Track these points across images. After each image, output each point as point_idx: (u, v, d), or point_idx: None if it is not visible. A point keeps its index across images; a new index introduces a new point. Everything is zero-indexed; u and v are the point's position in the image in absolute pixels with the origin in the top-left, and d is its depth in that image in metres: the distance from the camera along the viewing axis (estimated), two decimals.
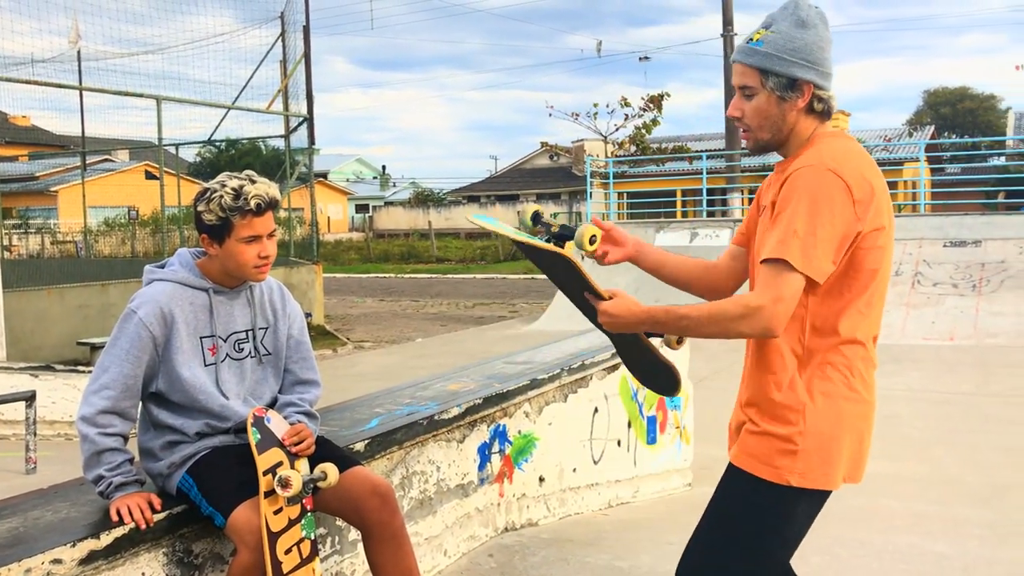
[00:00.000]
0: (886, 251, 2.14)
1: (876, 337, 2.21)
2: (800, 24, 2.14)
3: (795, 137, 2.19)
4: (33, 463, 6.67)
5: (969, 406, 7.98)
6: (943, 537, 4.49)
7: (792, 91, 2.14)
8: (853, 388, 2.13)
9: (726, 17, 21.98)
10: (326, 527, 3.05)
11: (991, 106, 59.14)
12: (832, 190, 2.02)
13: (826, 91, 2.16)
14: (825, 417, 2.10)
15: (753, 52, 2.15)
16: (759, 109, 2.17)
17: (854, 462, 2.17)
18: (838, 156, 2.08)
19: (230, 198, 2.60)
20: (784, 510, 2.14)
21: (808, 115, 2.17)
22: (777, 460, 2.11)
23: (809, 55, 2.12)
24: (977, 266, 13.05)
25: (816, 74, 2.13)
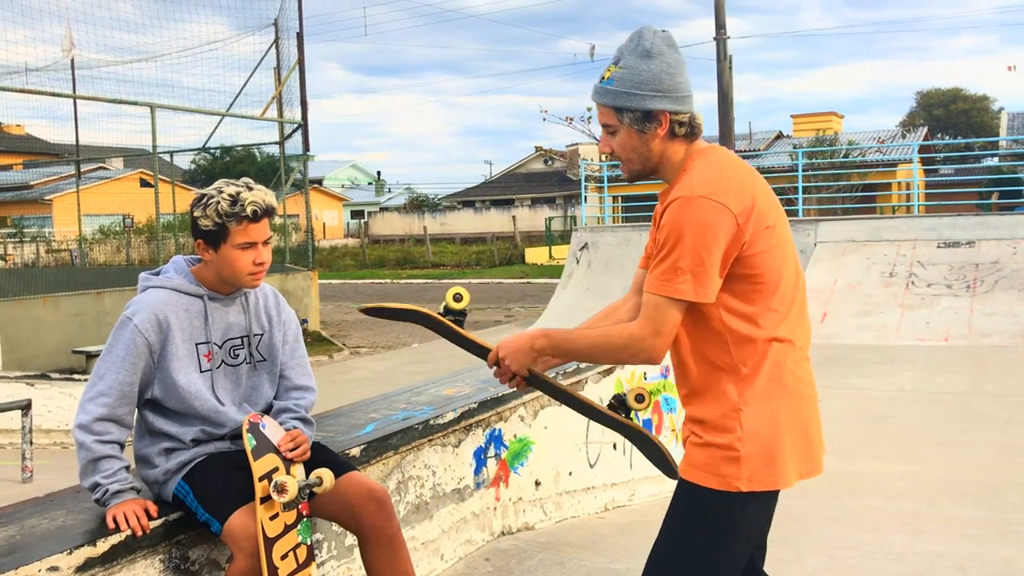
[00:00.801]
0: (783, 247, 2.20)
1: (806, 331, 2.25)
2: (645, 55, 2.17)
3: (668, 162, 2.23)
4: (29, 471, 6.66)
5: (963, 406, 8.01)
6: (937, 536, 4.51)
7: (649, 122, 2.18)
8: (784, 385, 2.17)
9: (718, 20, 22.02)
10: (322, 532, 3.06)
11: (984, 107, 59.33)
12: (706, 215, 2.07)
13: (684, 114, 2.19)
14: (761, 419, 2.14)
15: (605, 91, 2.21)
16: (623, 144, 2.23)
17: (805, 457, 2.20)
18: (709, 178, 2.13)
19: (227, 204, 2.61)
20: (736, 516, 2.17)
21: (673, 140, 2.21)
22: (722, 468, 2.14)
23: (658, 85, 2.16)
24: (971, 267, 13.09)
25: (669, 101, 2.17)
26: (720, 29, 21.88)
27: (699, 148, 2.24)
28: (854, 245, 14.18)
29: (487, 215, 50.95)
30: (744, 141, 37.07)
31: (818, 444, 2.24)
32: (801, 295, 2.25)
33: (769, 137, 39.55)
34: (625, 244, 16.51)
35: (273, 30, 17.85)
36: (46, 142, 38.89)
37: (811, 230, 14.69)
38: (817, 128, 35.33)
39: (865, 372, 9.88)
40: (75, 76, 18.80)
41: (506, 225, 45.44)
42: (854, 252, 14.04)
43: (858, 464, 6.10)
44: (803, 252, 14.37)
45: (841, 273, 13.74)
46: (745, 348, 2.16)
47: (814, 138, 32.72)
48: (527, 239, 41.54)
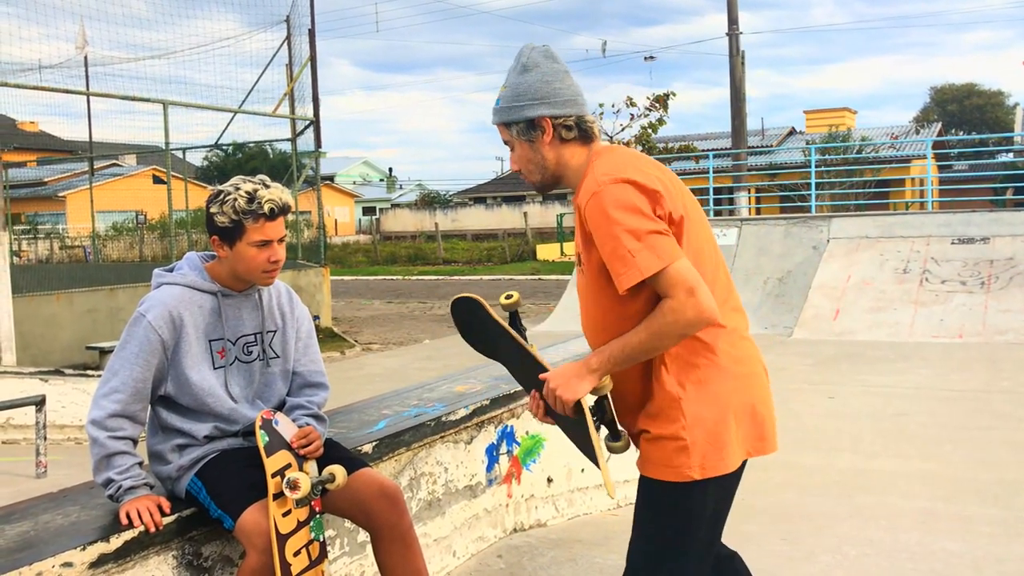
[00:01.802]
0: (697, 235, 2.21)
1: (737, 311, 2.28)
2: (523, 70, 2.28)
3: (567, 169, 2.29)
4: (43, 467, 6.69)
5: (978, 403, 7.95)
6: (952, 535, 4.48)
7: (534, 130, 2.26)
8: (721, 368, 2.20)
9: (731, 16, 21.94)
10: (335, 529, 3.06)
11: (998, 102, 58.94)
12: (620, 195, 2.10)
13: (567, 117, 2.25)
14: (703, 405, 2.17)
15: (495, 111, 2.32)
16: (520, 157, 2.31)
17: (755, 435, 2.24)
18: (611, 166, 2.17)
19: (244, 201, 2.61)
20: (695, 503, 2.22)
21: (565, 144, 2.27)
22: (674, 460, 2.18)
23: (536, 93, 2.25)
24: (985, 263, 13.00)
25: (547, 107, 2.24)
26: (732, 25, 21.81)
27: (598, 149, 2.29)
28: (867, 241, 14.10)
29: (498, 211, 50.95)
30: (757, 137, 36.95)
31: (767, 421, 2.27)
32: (724, 279, 2.28)
33: (782, 133, 39.40)
34: None
35: (285, 27, 17.87)
36: (60, 139, 39.12)
37: (824, 226, 14.62)
38: (830, 124, 35.18)
39: (879, 369, 9.83)
40: (88, 73, 18.91)
41: (517, 221, 45.44)
42: (867, 248, 13.97)
43: (872, 462, 6.07)
44: (816, 248, 14.31)
45: (854, 269, 13.68)
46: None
47: (827, 134, 32.57)
48: (539, 235, 41.52)
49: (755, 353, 2.30)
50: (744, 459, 2.24)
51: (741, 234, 15.07)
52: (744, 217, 18.18)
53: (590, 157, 2.27)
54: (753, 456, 2.25)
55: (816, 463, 6.04)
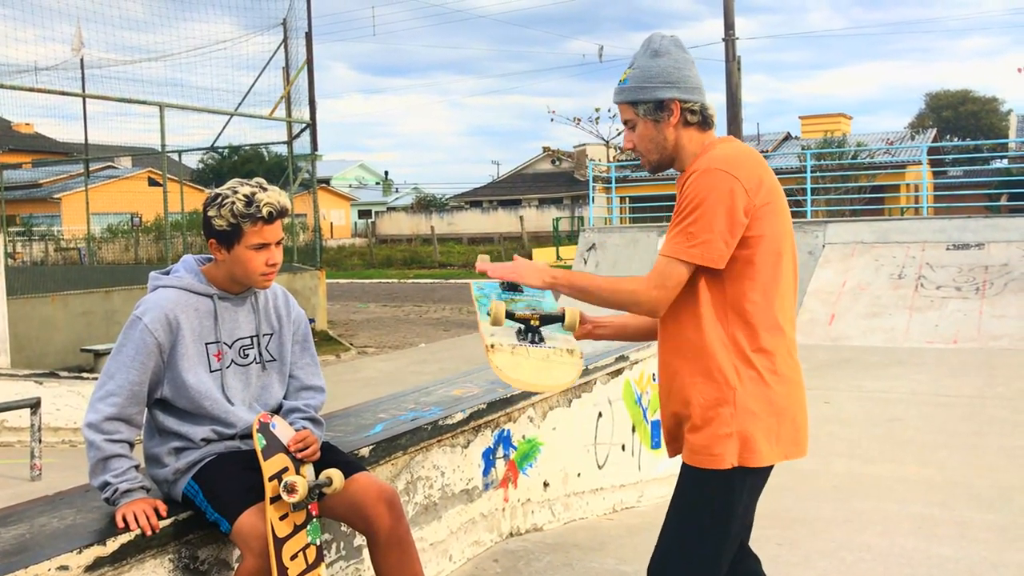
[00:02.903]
0: (785, 237, 2.35)
1: (794, 322, 2.40)
2: (655, 54, 2.38)
3: (684, 151, 2.40)
4: (38, 470, 6.68)
5: (973, 408, 7.97)
6: (948, 540, 4.49)
7: (662, 111, 2.37)
8: (777, 370, 2.30)
9: (727, 21, 21.99)
10: (331, 533, 3.05)
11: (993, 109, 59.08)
12: (722, 184, 2.22)
13: (695, 103, 2.37)
14: (755, 400, 2.26)
15: (622, 90, 2.41)
16: (642, 135, 2.41)
17: (791, 439, 2.32)
18: (726, 157, 2.29)
19: (242, 204, 2.60)
20: (735, 493, 2.28)
21: (687, 128, 2.39)
22: (716, 448, 2.26)
23: (668, 77, 2.36)
24: (980, 269, 13.03)
25: (678, 91, 2.36)
26: (729, 30, 21.85)
27: (716, 138, 2.41)
28: (863, 247, 14.14)
29: (494, 215, 50.96)
30: (752, 142, 37.01)
31: (803, 428, 2.37)
32: (796, 287, 2.42)
33: (777, 138, 39.48)
34: (633, 245, 16.50)
35: (282, 30, 17.87)
36: (55, 141, 39.04)
37: (819, 231, 14.65)
38: (825, 129, 35.25)
39: (875, 374, 9.84)
40: (84, 75, 18.85)
41: (513, 225, 45.45)
42: (863, 254, 14.00)
43: (868, 467, 6.08)
44: (811, 253, 14.34)
45: (849, 275, 13.71)
46: (743, 331, 2.28)
47: (822, 139, 32.63)
48: (534, 239, 41.52)
49: (800, 365, 2.41)
50: (780, 460, 2.31)
51: None
52: None
53: (707, 143, 2.39)
54: (789, 459, 2.33)
55: (812, 468, 6.04)
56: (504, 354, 2.38)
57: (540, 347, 2.43)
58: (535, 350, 2.42)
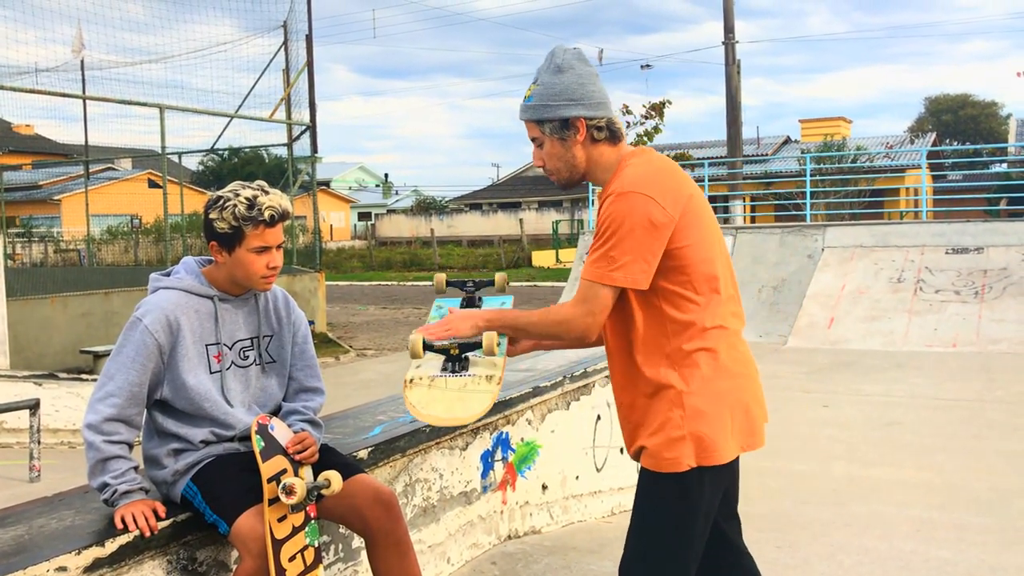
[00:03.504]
0: (711, 240, 2.35)
1: (738, 316, 2.42)
2: (557, 70, 2.37)
3: (595, 167, 2.41)
4: (37, 471, 6.67)
5: (972, 412, 7.97)
6: (946, 544, 4.49)
7: (567, 129, 2.36)
8: (722, 367, 2.32)
9: (727, 24, 22.02)
10: (330, 535, 3.05)
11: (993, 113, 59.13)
12: (638, 206, 2.24)
13: (600, 119, 2.37)
14: (703, 399, 2.29)
15: (527, 108, 2.41)
16: (550, 154, 2.41)
17: (746, 431, 2.36)
18: (642, 174, 2.30)
19: (244, 207, 2.61)
20: (693, 494, 2.32)
21: (595, 144, 2.39)
22: (672, 451, 2.28)
23: (572, 94, 2.35)
24: (979, 273, 13.04)
25: (583, 108, 2.35)
26: (729, 33, 21.88)
27: (631, 150, 2.42)
28: (862, 250, 14.15)
29: (494, 218, 50.97)
30: (752, 146, 37.03)
31: (759, 418, 2.40)
32: (732, 284, 2.42)
33: (777, 142, 39.49)
34: None
35: (282, 32, 17.88)
36: (55, 142, 39.05)
37: (819, 235, 14.66)
38: (825, 133, 35.27)
39: (874, 378, 9.85)
40: (85, 77, 18.86)
41: (513, 228, 45.45)
42: (862, 257, 14.01)
43: (867, 470, 6.08)
44: (810, 257, 14.35)
45: (849, 278, 13.72)
46: (683, 335, 2.30)
47: (822, 143, 32.65)
48: (534, 242, 41.54)
49: (750, 356, 2.44)
50: (737, 453, 2.35)
51: (736, 242, 15.11)
52: (739, 225, 18.22)
53: (622, 156, 2.40)
54: (745, 451, 2.37)
55: (810, 471, 6.05)
56: (420, 389, 2.45)
57: (460, 376, 2.47)
58: (453, 380, 2.47)
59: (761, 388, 2.45)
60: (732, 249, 14.92)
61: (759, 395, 2.42)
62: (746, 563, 2.60)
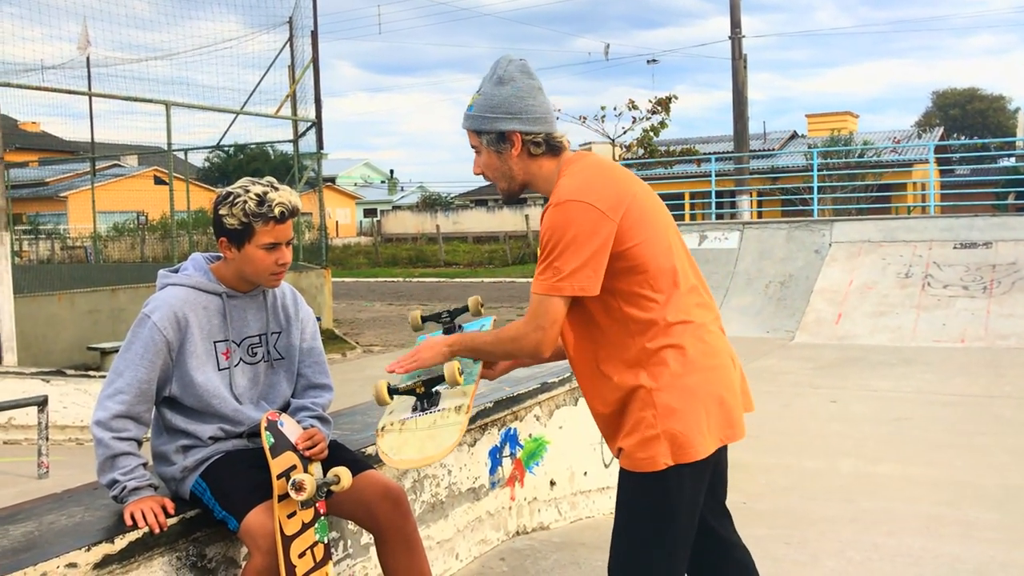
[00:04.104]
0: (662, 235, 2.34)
1: (704, 306, 2.38)
2: (499, 82, 2.37)
3: (535, 179, 2.40)
4: (45, 468, 6.69)
5: (981, 408, 7.94)
6: (956, 540, 4.47)
7: (503, 143, 2.37)
8: (690, 361, 2.29)
9: (734, 19, 21.95)
10: (338, 531, 3.05)
11: (1000, 107, 58.94)
12: (575, 215, 2.23)
13: (537, 134, 2.36)
14: (673, 395, 2.27)
15: (467, 117, 2.41)
16: (487, 165, 2.42)
17: (724, 423, 2.33)
18: (577, 183, 2.29)
19: (254, 204, 2.60)
20: (672, 492, 2.30)
21: (534, 158, 2.38)
22: (647, 450, 2.27)
23: (509, 108, 2.35)
24: (988, 268, 12.99)
25: (519, 122, 2.35)
26: (735, 28, 21.82)
27: (568, 158, 2.40)
28: (869, 245, 14.10)
29: (500, 214, 50.93)
30: (759, 141, 36.95)
31: (736, 409, 2.37)
32: (693, 275, 2.40)
33: (784, 137, 39.40)
34: None
35: (288, 28, 17.87)
36: (61, 139, 39.14)
37: (826, 230, 14.62)
38: (832, 128, 35.19)
39: (882, 374, 9.82)
40: (91, 73, 18.89)
41: (519, 224, 45.42)
42: (869, 253, 13.97)
43: (875, 466, 6.06)
44: (817, 252, 14.30)
45: (856, 274, 13.68)
46: (647, 334, 2.29)
47: (829, 138, 32.57)
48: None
49: (722, 346, 2.40)
50: (716, 447, 2.32)
51: (743, 237, 15.07)
52: (746, 221, 18.18)
53: (561, 166, 2.39)
54: (725, 443, 2.35)
55: (819, 467, 6.03)
56: (392, 435, 2.47)
57: (430, 413, 2.48)
58: (423, 419, 2.47)
59: (737, 377, 2.41)
60: (738, 244, 14.89)
61: (733, 385, 2.38)
62: (738, 555, 2.59)
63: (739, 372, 2.45)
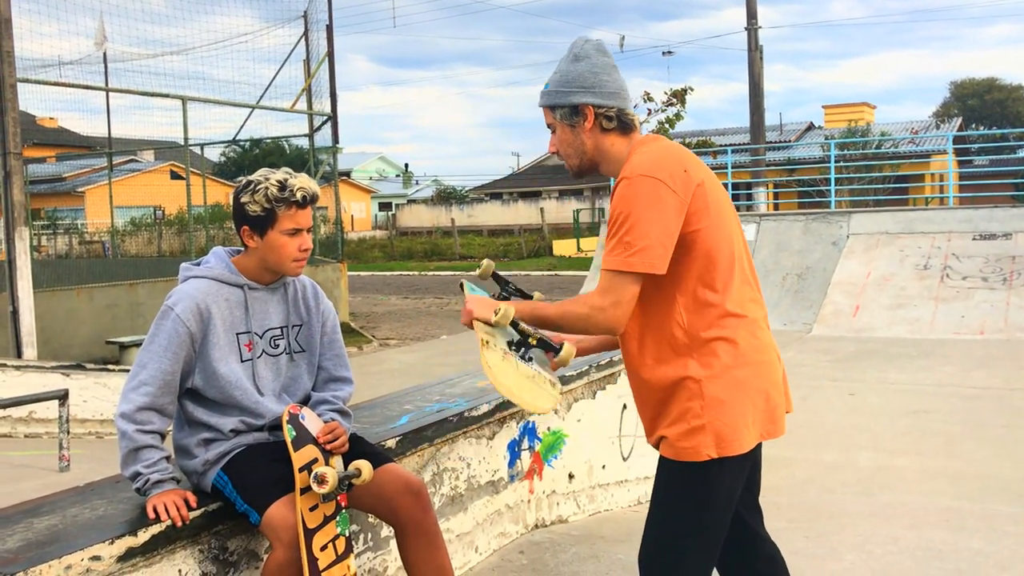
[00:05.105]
0: (726, 225, 2.33)
1: (757, 302, 2.39)
2: (574, 59, 2.41)
3: (606, 157, 2.41)
4: (66, 461, 6.74)
5: (1001, 400, 7.88)
6: (978, 533, 4.44)
7: (576, 116, 2.38)
8: (741, 354, 2.29)
9: (750, 10, 21.83)
10: (359, 524, 3.06)
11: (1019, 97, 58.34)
12: (648, 190, 2.22)
13: (610, 108, 2.37)
14: (722, 388, 2.26)
15: (543, 94, 2.44)
16: (562, 140, 2.43)
17: (767, 419, 2.33)
18: (649, 159, 2.28)
19: (276, 189, 2.63)
20: (712, 483, 2.29)
21: (605, 133, 2.39)
22: (691, 440, 2.26)
23: (583, 82, 2.37)
24: (1007, 259, 12.88)
25: (593, 96, 2.36)
26: (751, 19, 21.70)
27: (639, 139, 2.41)
28: (887, 237, 14.01)
29: (515, 207, 50.91)
30: (775, 132, 36.75)
31: (780, 407, 2.37)
32: (749, 270, 2.40)
33: (800, 128, 39.18)
34: None
35: (303, 22, 17.90)
36: (78, 135, 39.37)
37: (843, 222, 14.53)
38: (849, 119, 34.96)
39: (901, 366, 9.76)
40: (107, 69, 18.98)
41: (534, 217, 45.40)
42: (887, 244, 13.87)
43: (894, 459, 6.03)
44: (835, 244, 14.22)
45: (874, 265, 13.59)
46: (700, 323, 2.28)
47: (846, 129, 32.35)
48: (555, 231, 41.47)
49: (771, 342, 2.41)
50: (757, 441, 2.33)
51: (760, 229, 15.00)
52: (763, 212, 18.09)
53: (632, 146, 2.38)
54: (765, 439, 2.35)
55: (838, 461, 6.01)
56: (496, 354, 2.35)
57: (529, 365, 2.39)
58: (523, 366, 2.38)
59: (782, 375, 2.42)
60: (756, 236, 14.82)
61: (779, 382, 2.39)
62: (768, 549, 2.58)
63: (782, 371, 2.45)
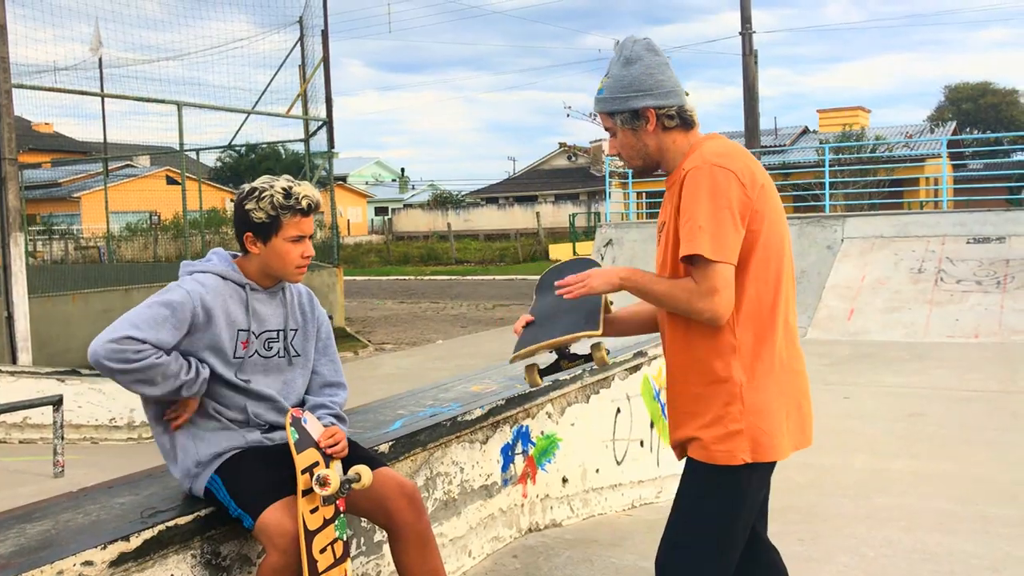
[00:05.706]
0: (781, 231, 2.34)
1: (795, 312, 2.40)
2: (627, 63, 2.40)
3: (668, 154, 2.41)
4: (61, 466, 6.73)
5: (995, 404, 7.90)
6: (971, 536, 4.45)
7: (638, 120, 2.39)
8: (781, 362, 2.31)
9: (744, 15, 21.89)
10: (352, 528, 3.06)
11: (1013, 100, 58.50)
12: (720, 180, 2.23)
13: (670, 107, 2.38)
14: (761, 394, 2.27)
15: (599, 101, 2.45)
16: (623, 144, 2.44)
17: (799, 429, 2.36)
18: (719, 152, 2.30)
19: (281, 196, 2.65)
20: (741, 488, 2.30)
21: (667, 132, 2.40)
22: (726, 444, 2.27)
23: (640, 85, 2.38)
24: (1001, 263, 12.91)
25: (652, 98, 2.37)
26: (746, 23, 21.76)
27: (700, 137, 2.42)
28: (882, 241, 14.04)
29: (511, 211, 50.93)
30: (770, 136, 36.81)
31: (808, 417, 2.40)
32: (793, 278, 2.40)
33: (795, 132, 39.23)
34: (650, 240, 16.44)
35: (298, 27, 17.91)
36: (74, 140, 39.36)
37: (838, 226, 14.56)
38: (844, 123, 35.01)
39: (895, 370, 9.78)
40: (103, 74, 18.99)
41: (530, 221, 45.41)
42: (882, 248, 13.91)
43: (889, 462, 6.04)
44: (830, 248, 14.24)
45: (868, 269, 13.62)
46: (748, 327, 2.27)
47: (841, 133, 32.41)
48: (551, 235, 41.48)
49: (802, 353, 2.42)
50: (791, 451, 2.33)
51: None
52: None
53: (694, 142, 2.40)
54: (798, 449, 2.36)
55: (832, 464, 6.02)
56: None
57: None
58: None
59: (809, 388, 2.43)
60: None
61: (808, 393, 2.41)
62: (773, 557, 2.60)
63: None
